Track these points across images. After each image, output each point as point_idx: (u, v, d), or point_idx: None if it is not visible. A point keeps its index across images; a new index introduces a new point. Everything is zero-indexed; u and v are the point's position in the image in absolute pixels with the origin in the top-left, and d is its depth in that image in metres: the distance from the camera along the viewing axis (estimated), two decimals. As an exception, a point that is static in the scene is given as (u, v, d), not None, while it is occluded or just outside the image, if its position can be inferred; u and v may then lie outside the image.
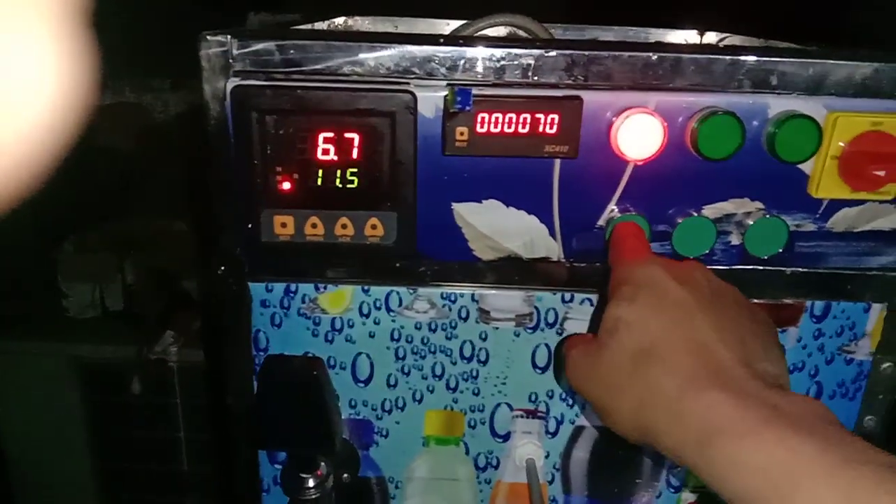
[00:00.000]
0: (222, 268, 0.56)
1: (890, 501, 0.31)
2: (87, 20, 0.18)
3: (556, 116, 0.49)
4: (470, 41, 0.50)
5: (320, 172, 0.51)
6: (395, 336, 0.57)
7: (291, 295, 0.56)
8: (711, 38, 0.86)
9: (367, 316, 0.57)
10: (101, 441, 1.63)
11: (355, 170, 0.51)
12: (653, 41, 0.86)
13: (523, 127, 0.49)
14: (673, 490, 0.62)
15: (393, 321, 0.57)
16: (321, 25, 0.80)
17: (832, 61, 0.49)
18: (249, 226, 0.52)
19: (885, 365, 0.58)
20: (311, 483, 0.52)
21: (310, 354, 0.56)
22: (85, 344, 1.62)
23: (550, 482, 0.61)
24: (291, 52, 0.49)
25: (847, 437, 0.35)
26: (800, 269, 0.55)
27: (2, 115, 0.17)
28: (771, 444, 0.35)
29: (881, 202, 0.52)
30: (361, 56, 0.49)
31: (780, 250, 0.54)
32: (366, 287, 0.56)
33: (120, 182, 1.67)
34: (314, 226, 0.52)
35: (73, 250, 1.65)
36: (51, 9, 0.17)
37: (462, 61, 0.49)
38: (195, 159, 0.57)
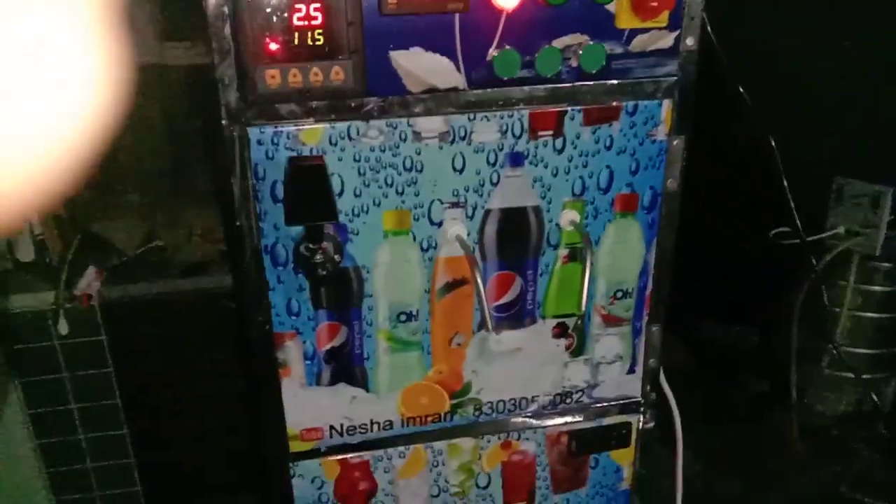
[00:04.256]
0: (224, 120, 0.76)
1: None
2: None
3: (453, -16, 0.74)
4: (389, -64, 0.73)
5: (297, 35, 0.73)
6: (357, 158, 0.81)
7: (280, 133, 0.77)
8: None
9: (335, 145, 0.80)
10: (31, 387, 1.67)
11: (321, 31, 0.73)
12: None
13: (432, -8, 0.74)
14: (553, 247, 0.91)
15: (354, 147, 0.80)
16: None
17: (620, -63, 0.78)
18: (249, 80, 0.73)
19: (675, 142, 0.89)
20: (319, 255, 0.75)
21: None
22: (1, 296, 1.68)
23: (472, 252, 0.88)
24: (264, -50, 0.70)
25: None
26: (615, 81, 0.84)
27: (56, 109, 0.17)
28: None
29: (660, 28, 0.82)
30: (314, -49, 0.71)
31: (602, 66, 0.82)
32: (333, 124, 0.79)
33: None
34: (294, 76, 0.74)
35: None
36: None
37: (386, -50, 0.72)
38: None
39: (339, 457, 0.95)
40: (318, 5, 0.72)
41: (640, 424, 1.04)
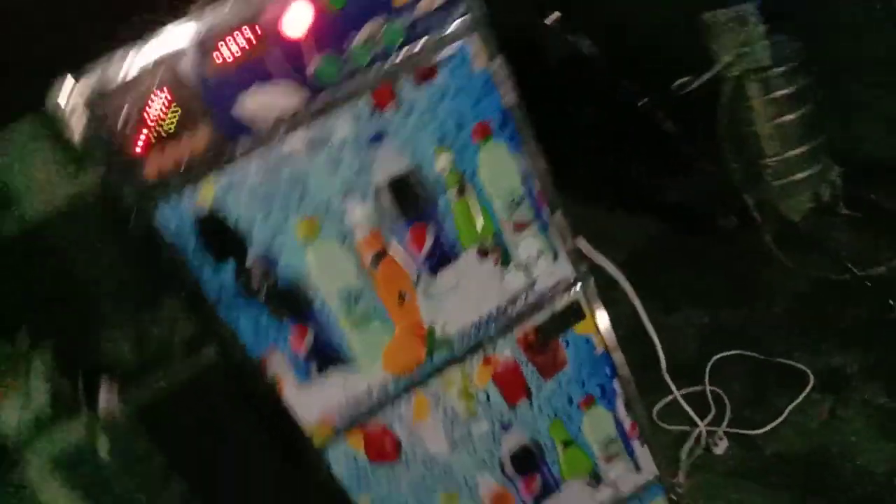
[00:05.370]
0: (135, 211, 0.92)
1: None
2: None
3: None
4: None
5: (162, 125, 0.88)
6: (252, 195, 0.96)
7: (181, 197, 0.93)
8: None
9: (228, 192, 0.95)
10: None
11: (175, 112, 0.88)
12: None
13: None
14: (443, 192, 1.07)
15: (242, 187, 0.96)
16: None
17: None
18: (137, 177, 0.89)
19: (495, 65, 1.05)
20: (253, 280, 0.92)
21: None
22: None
23: (379, 224, 1.04)
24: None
25: None
26: (422, 43, 0.99)
27: None
28: None
29: (435, -13, 0.98)
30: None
31: (404, 38, 0.98)
32: (216, 177, 0.94)
33: None
34: (173, 150, 0.90)
35: None
36: None
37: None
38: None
39: (358, 428, 1.12)
40: (163, 97, 0.88)
41: (585, 295, 1.21)
